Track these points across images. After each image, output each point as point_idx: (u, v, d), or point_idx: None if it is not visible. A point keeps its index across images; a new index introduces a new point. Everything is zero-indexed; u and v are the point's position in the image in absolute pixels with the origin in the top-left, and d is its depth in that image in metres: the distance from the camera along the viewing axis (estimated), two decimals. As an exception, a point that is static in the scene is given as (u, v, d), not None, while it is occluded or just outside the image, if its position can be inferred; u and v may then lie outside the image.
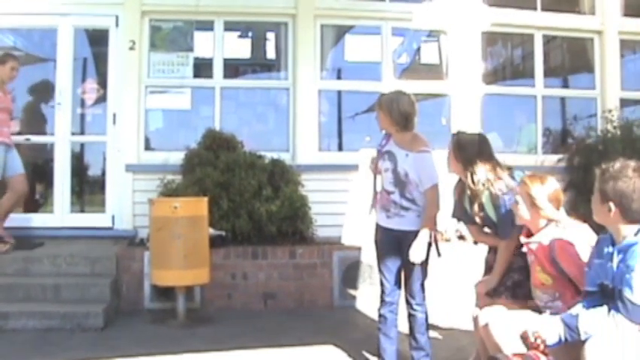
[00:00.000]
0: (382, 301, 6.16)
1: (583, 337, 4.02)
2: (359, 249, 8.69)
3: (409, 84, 10.53)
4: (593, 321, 4.03)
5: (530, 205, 4.84)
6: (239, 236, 8.75)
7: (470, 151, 5.67)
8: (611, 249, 4.14)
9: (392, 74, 10.59)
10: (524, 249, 4.99)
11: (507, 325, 4.62)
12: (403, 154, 5.93)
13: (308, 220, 8.98)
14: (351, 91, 10.79)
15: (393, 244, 6.03)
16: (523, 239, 4.94)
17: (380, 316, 6.18)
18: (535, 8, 10.99)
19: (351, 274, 8.77)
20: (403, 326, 6.22)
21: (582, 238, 4.68)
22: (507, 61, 12.44)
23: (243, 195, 8.71)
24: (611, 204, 4.07)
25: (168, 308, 8.21)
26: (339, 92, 10.99)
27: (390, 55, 10.72)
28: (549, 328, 4.15)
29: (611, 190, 4.06)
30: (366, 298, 8.67)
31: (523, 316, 4.73)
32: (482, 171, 5.56)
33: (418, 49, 12.36)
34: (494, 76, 11.74)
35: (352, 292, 8.85)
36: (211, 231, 8.30)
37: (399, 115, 5.86)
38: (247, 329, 7.69)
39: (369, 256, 8.45)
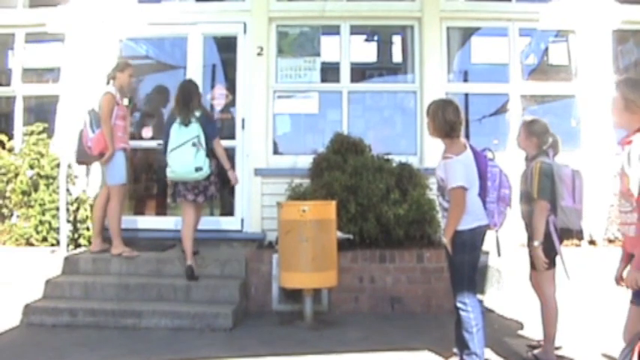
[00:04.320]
0: None
1: None
2: (487, 253, 8.55)
3: (537, 85, 10.38)
4: None
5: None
6: (367, 240, 8.75)
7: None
8: None
9: (520, 76, 10.39)
10: None
11: None
12: (440, 162, 6.27)
13: (435, 223, 8.87)
14: (478, 94, 10.67)
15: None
16: None
17: None
18: (670, 3, 10.58)
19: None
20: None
21: None
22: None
23: (371, 198, 8.69)
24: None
25: (296, 310, 8.30)
26: (466, 95, 10.81)
27: (518, 56, 10.51)
28: None
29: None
30: (495, 302, 8.55)
31: None
32: None
33: (546, 50, 12.11)
34: (625, 75, 11.38)
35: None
36: (339, 234, 8.34)
37: (443, 123, 6.16)
38: (374, 333, 7.66)
39: (496, 260, 8.33)
